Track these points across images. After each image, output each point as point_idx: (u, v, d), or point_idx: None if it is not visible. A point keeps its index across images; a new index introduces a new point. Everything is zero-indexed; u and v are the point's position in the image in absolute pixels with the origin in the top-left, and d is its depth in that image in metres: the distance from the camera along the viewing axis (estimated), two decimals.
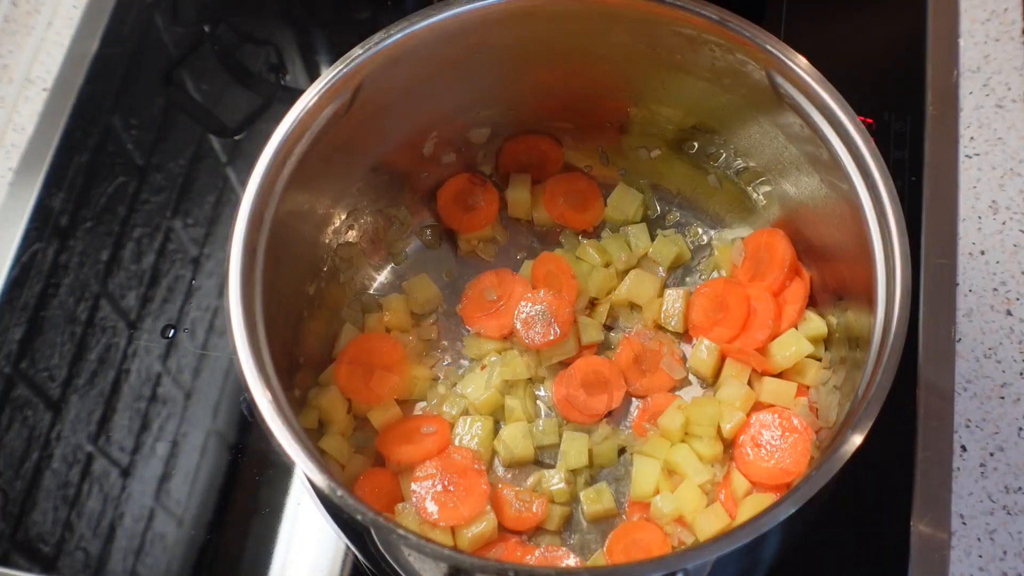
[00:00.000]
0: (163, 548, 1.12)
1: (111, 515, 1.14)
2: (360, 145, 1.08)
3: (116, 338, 1.24)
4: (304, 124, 0.99)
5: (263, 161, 0.97)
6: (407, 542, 0.82)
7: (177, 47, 1.44)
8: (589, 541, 1.07)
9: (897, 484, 1.09)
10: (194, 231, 1.30)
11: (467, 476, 1.04)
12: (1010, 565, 1.06)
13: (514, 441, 1.09)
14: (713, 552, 0.82)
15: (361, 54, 1.01)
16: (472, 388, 1.12)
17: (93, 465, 1.17)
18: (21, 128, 1.38)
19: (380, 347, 1.13)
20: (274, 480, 1.14)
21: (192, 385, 1.20)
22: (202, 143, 1.36)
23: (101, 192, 1.33)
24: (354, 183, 1.13)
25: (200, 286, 1.26)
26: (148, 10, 1.47)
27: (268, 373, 0.90)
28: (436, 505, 1.03)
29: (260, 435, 1.17)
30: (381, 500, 1.06)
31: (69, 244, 1.30)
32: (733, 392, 1.08)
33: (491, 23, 1.05)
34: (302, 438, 0.86)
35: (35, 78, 1.42)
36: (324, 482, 0.83)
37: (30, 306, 1.26)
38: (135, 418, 1.19)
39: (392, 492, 1.07)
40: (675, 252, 1.18)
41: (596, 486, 1.08)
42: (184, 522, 1.13)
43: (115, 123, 1.38)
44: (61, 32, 1.45)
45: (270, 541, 1.11)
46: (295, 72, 1.42)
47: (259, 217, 0.96)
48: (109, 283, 1.27)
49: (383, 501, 1.06)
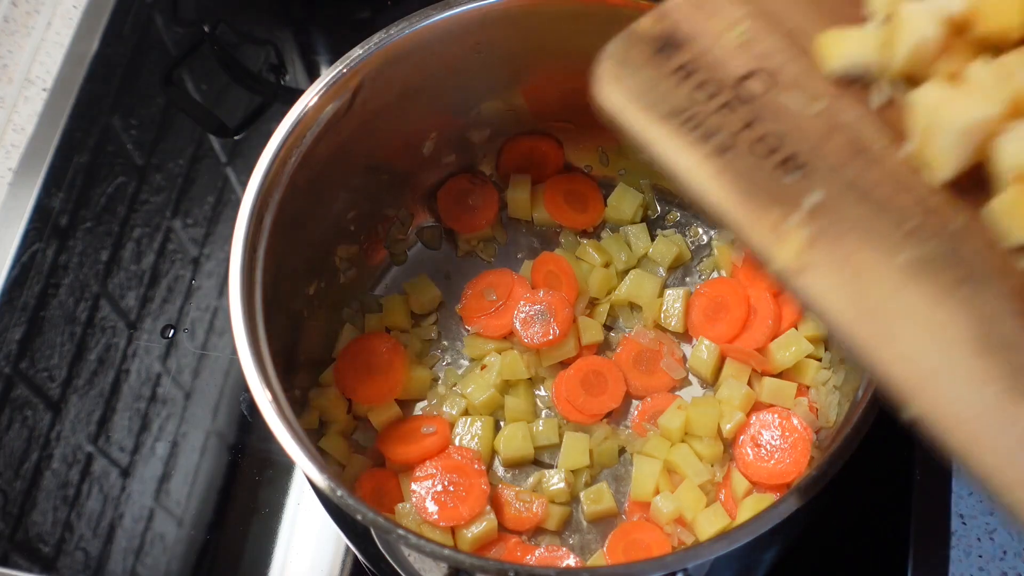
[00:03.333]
0: (163, 548, 1.12)
1: (111, 515, 1.14)
2: (360, 145, 1.08)
3: (116, 338, 1.24)
4: (304, 124, 1.00)
5: (263, 161, 0.97)
6: (407, 542, 0.82)
7: (177, 47, 1.44)
8: (589, 541, 1.07)
9: (897, 484, 1.09)
10: (194, 231, 1.30)
11: (467, 476, 1.04)
12: (1010, 565, 1.06)
13: (514, 441, 1.09)
14: (713, 552, 0.82)
15: (361, 54, 1.01)
16: (472, 388, 1.12)
17: (93, 465, 1.17)
18: (21, 128, 1.38)
19: (380, 347, 1.13)
20: (274, 480, 1.14)
21: (192, 385, 1.20)
22: (202, 143, 1.36)
23: (101, 192, 1.33)
24: (354, 183, 1.13)
25: (200, 286, 1.26)
26: (148, 10, 1.47)
27: (268, 373, 0.90)
28: (436, 505, 1.03)
29: (260, 435, 1.17)
30: (381, 500, 1.06)
31: (69, 244, 1.30)
32: (733, 392, 1.08)
33: (491, 23, 1.05)
34: (302, 438, 0.86)
35: (35, 78, 1.42)
36: (324, 482, 0.83)
37: (30, 306, 1.26)
38: (135, 418, 1.19)
39: (392, 492, 1.07)
40: (675, 252, 1.18)
41: (596, 486, 1.08)
42: (184, 522, 1.13)
43: (115, 123, 1.39)
44: (61, 32, 1.45)
45: (270, 541, 1.11)
46: (295, 72, 1.42)
47: (259, 217, 0.96)
48: (109, 283, 1.27)
49: (383, 501, 1.06)
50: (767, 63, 0.77)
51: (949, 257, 0.71)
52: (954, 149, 0.71)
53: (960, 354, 0.68)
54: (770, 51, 0.77)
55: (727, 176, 0.73)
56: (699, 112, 0.75)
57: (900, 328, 0.69)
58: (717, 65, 0.76)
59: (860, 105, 0.76)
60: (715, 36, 0.77)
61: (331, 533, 1.11)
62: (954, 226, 0.72)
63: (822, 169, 0.73)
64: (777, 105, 0.75)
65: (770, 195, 0.72)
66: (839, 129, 0.75)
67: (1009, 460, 0.66)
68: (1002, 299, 0.70)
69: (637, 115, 0.75)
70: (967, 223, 0.72)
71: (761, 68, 0.77)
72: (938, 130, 0.70)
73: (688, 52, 0.77)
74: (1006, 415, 0.67)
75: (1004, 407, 0.67)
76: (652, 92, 0.75)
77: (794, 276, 0.71)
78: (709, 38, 0.77)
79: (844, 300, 0.70)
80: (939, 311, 0.69)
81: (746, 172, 0.73)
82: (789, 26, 0.78)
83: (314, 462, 0.84)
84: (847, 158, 0.74)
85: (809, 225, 0.72)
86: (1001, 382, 0.68)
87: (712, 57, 0.76)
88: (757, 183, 0.73)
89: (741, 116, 0.75)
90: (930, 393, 0.68)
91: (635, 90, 0.75)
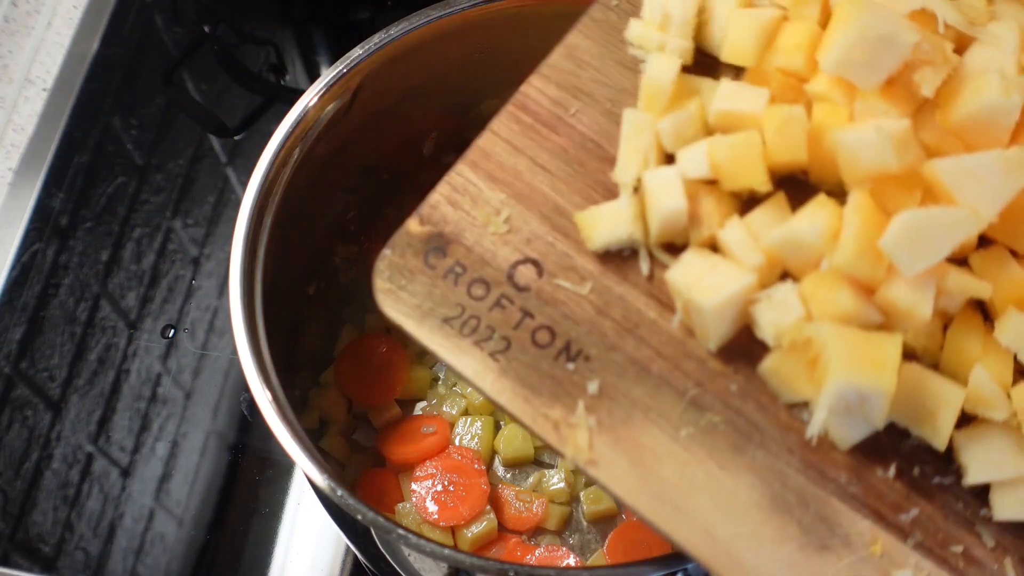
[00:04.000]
0: (163, 548, 1.12)
1: (111, 515, 1.14)
2: (360, 145, 1.08)
3: (116, 338, 1.24)
4: (304, 124, 1.00)
5: (263, 161, 0.97)
6: (407, 542, 0.82)
7: (177, 47, 1.44)
8: (589, 541, 1.07)
9: None
10: (194, 231, 1.30)
11: (467, 476, 1.05)
12: None
13: (514, 441, 1.09)
14: None
15: (361, 54, 1.01)
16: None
17: (93, 465, 1.17)
18: (21, 128, 1.38)
19: (380, 347, 1.13)
20: (274, 480, 1.14)
21: (192, 385, 1.20)
22: (202, 143, 1.36)
23: (101, 192, 1.33)
24: (354, 183, 1.13)
25: (200, 286, 1.26)
26: (148, 10, 1.47)
27: (268, 373, 0.90)
28: (436, 505, 1.03)
29: (260, 435, 1.17)
30: (381, 500, 1.06)
31: (69, 244, 1.30)
32: None
33: (491, 23, 1.05)
34: (302, 438, 0.86)
35: (35, 78, 1.42)
36: (324, 482, 0.83)
37: (30, 306, 1.26)
38: (135, 418, 1.19)
39: (392, 492, 1.07)
40: None
41: (596, 486, 1.08)
42: (184, 522, 1.13)
43: (115, 123, 1.39)
44: (61, 32, 1.45)
45: (270, 541, 1.11)
46: (295, 72, 1.42)
47: (259, 217, 0.96)
48: (109, 283, 1.27)
49: (383, 501, 1.06)
50: (532, 250, 0.77)
51: (734, 420, 0.73)
52: (716, 323, 0.72)
53: (754, 518, 0.70)
54: (533, 236, 0.77)
55: (511, 375, 0.73)
56: (476, 312, 0.75)
57: (695, 502, 0.70)
58: (486, 260, 0.76)
59: (630, 276, 0.76)
60: (480, 228, 0.77)
61: (331, 533, 1.11)
62: (736, 387, 0.73)
63: (600, 351, 0.74)
64: (548, 292, 0.76)
65: (553, 388, 0.73)
66: (612, 305, 0.75)
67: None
68: (788, 454, 0.72)
69: (416, 327, 0.75)
70: (746, 383, 0.73)
71: (527, 257, 0.77)
72: (697, 308, 0.72)
73: (457, 250, 0.77)
74: (807, 570, 0.69)
75: (803, 563, 0.69)
76: (429, 299, 0.75)
77: (588, 468, 0.71)
78: (475, 231, 0.77)
79: (638, 484, 0.71)
80: (728, 479, 0.71)
81: (530, 365, 0.74)
82: (547, 208, 0.78)
83: (314, 462, 0.84)
84: (622, 335, 0.75)
85: (595, 412, 0.72)
86: (797, 540, 0.69)
87: (480, 251, 0.77)
88: (541, 376, 0.73)
89: (518, 308, 0.75)
90: (733, 560, 0.69)
91: (412, 300, 0.75)
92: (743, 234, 0.73)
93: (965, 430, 0.72)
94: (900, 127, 0.70)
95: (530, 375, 0.73)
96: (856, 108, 0.74)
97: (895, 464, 0.72)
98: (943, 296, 0.71)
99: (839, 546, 0.70)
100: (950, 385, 0.70)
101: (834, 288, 0.70)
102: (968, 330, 0.72)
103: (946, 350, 0.72)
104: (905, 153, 0.70)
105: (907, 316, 0.70)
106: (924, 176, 0.71)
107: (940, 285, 0.70)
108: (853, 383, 0.67)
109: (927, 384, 0.70)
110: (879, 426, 0.70)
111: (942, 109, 0.73)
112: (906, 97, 0.73)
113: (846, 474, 0.72)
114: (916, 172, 0.71)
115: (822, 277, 0.71)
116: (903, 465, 0.72)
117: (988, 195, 0.68)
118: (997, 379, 0.71)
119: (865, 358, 0.67)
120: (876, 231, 0.69)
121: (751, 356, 0.74)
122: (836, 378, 0.67)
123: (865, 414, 0.69)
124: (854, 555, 0.70)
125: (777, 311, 0.71)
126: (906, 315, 0.70)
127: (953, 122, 0.72)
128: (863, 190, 0.71)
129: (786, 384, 0.72)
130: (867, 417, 0.69)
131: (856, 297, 0.70)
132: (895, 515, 0.71)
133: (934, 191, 0.71)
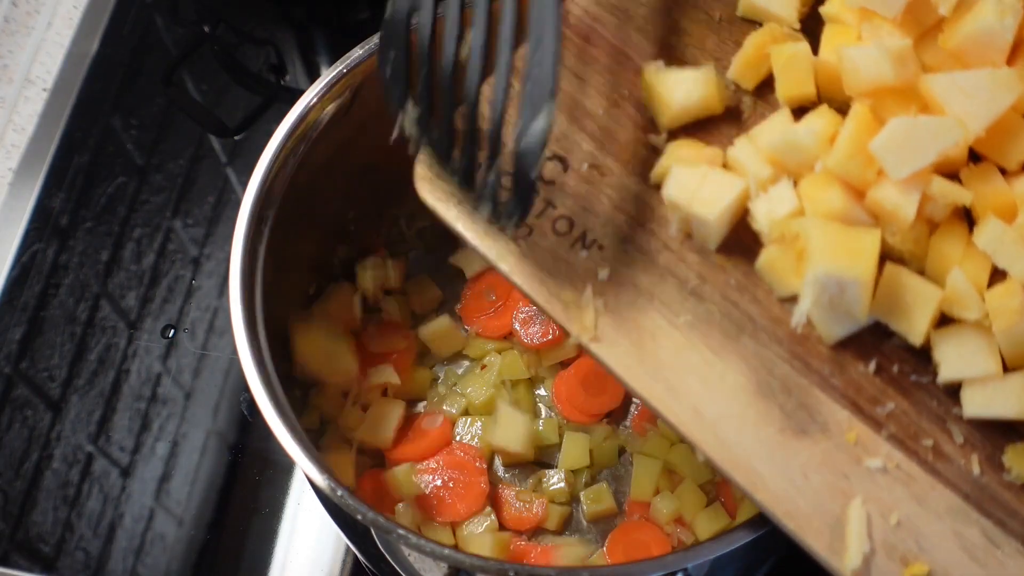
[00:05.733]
0: (163, 548, 1.12)
1: (111, 515, 1.14)
2: (360, 145, 1.08)
3: (116, 338, 1.24)
4: (304, 124, 1.00)
5: (263, 161, 0.97)
6: (407, 542, 0.82)
7: (177, 47, 1.44)
8: (589, 541, 1.07)
9: None
10: (194, 231, 1.30)
11: (467, 473, 1.05)
12: None
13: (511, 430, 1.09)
14: (713, 552, 0.82)
15: (361, 54, 1.01)
16: (472, 388, 1.12)
17: (93, 465, 1.17)
18: (21, 128, 1.38)
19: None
20: (274, 480, 1.14)
21: (192, 385, 1.20)
22: (202, 143, 1.36)
23: (101, 192, 1.33)
24: (354, 183, 1.13)
25: (200, 286, 1.26)
26: (148, 10, 1.47)
27: (269, 373, 0.90)
28: (434, 500, 1.03)
29: (260, 435, 1.17)
30: (381, 500, 1.06)
31: (69, 244, 1.30)
32: None
33: None
34: (302, 438, 0.86)
35: (35, 78, 1.42)
36: (324, 482, 0.83)
37: (30, 306, 1.26)
38: (135, 418, 1.19)
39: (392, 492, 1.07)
40: None
41: (596, 486, 1.08)
42: (184, 522, 1.13)
43: (115, 123, 1.39)
44: (61, 32, 1.45)
45: (270, 541, 1.11)
46: (295, 72, 1.42)
47: (259, 217, 0.96)
48: (109, 283, 1.27)
49: (383, 501, 1.06)
50: (560, 148, 0.83)
51: (729, 311, 0.78)
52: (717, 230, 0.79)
53: (740, 401, 0.75)
54: (561, 136, 0.83)
55: (530, 259, 0.79)
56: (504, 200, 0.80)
57: (686, 383, 0.76)
58: None
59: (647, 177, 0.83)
60: None
61: (331, 533, 1.11)
62: (734, 281, 0.79)
63: (612, 242, 0.80)
64: (571, 186, 0.82)
65: (568, 272, 0.79)
66: (627, 201, 0.81)
67: (787, 492, 0.73)
68: (777, 345, 0.77)
69: (448, 212, 0.81)
70: (743, 279, 0.79)
71: (554, 153, 0.83)
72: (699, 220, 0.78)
73: None
74: (785, 451, 0.74)
75: (782, 444, 0.74)
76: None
77: (590, 345, 0.77)
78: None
79: (636, 362, 0.76)
80: (718, 363, 0.76)
81: (548, 250, 0.79)
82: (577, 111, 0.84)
83: (314, 462, 0.84)
84: (634, 228, 0.81)
85: (602, 296, 0.78)
86: (779, 423, 0.75)
87: None
88: (557, 261, 0.79)
89: (542, 198, 0.81)
90: (717, 438, 0.74)
91: (448, 188, 0.81)
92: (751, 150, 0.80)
93: (942, 330, 0.76)
94: (901, 44, 0.76)
95: (547, 260, 0.79)
96: (863, 29, 0.80)
97: (876, 360, 0.77)
98: (928, 203, 0.75)
99: (817, 432, 0.74)
100: (929, 285, 0.75)
101: (826, 188, 0.75)
102: (951, 236, 0.77)
103: (930, 255, 0.77)
104: (903, 68, 0.75)
105: (892, 217, 0.74)
106: (920, 91, 0.76)
107: (925, 191, 0.74)
108: (831, 271, 0.72)
109: (907, 283, 0.75)
110: (861, 319, 0.75)
111: (944, 33, 0.77)
112: (911, 22, 0.78)
113: (829, 367, 0.77)
114: (913, 87, 0.76)
115: (816, 178, 0.76)
116: (883, 362, 0.77)
117: (977, 110, 0.73)
118: (973, 281, 0.75)
119: (844, 248, 0.72)
120: (869, 137, 0.74)
121: (750, 254, 0.79)
122: (816, 266, 0.72)
123: (847, 306, 0.74)
124: (830, 441, 0.74)
125: (773, 203, 0.76)
126: (891, 216, 0.74)
127: (953, 45, 0.77)
128: (863, 102, 0.76)
129: (779, 278, 0.78)
130: (849, 309, 0.74)
131: (846, 197, 0.75)
132: (872, 408, 0.76)
133: (929, 106, 0.76)
